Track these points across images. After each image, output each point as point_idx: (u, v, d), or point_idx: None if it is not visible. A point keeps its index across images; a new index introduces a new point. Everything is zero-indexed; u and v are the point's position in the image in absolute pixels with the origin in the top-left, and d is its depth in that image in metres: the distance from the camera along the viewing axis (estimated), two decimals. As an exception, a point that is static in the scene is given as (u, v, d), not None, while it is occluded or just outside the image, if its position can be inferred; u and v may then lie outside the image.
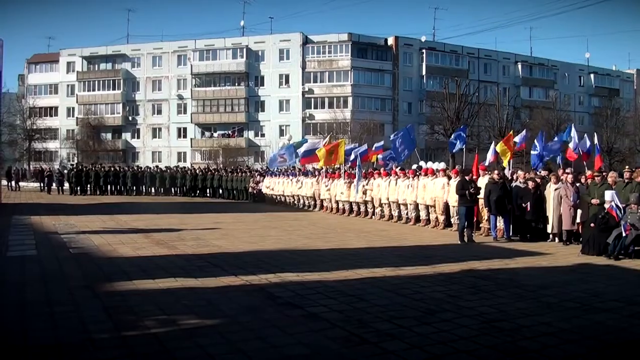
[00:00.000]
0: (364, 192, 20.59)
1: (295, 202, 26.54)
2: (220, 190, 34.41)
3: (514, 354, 5.43)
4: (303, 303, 7.19)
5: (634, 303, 7.66)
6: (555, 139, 20.24)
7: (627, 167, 15.81)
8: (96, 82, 64.35)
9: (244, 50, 60.80)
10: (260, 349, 5.41)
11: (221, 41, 62.19)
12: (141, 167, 39.79)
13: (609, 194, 12.53)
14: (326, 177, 23.78)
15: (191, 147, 62.28)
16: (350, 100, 59.00)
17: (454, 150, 22.45)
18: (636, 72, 73.69)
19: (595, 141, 20.81)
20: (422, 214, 18.06)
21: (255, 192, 30.71)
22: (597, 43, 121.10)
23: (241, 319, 6.42)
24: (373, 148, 23.75)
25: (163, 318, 6.46)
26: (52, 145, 64.79)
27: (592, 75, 71.90)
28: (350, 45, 59.37)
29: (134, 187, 35.79)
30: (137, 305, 7.01)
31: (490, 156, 19.83)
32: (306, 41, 60.44)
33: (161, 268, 9.61)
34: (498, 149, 18.95)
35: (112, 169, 36.87)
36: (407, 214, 18.77)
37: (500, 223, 14.89)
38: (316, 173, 25.52)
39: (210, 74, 61.39)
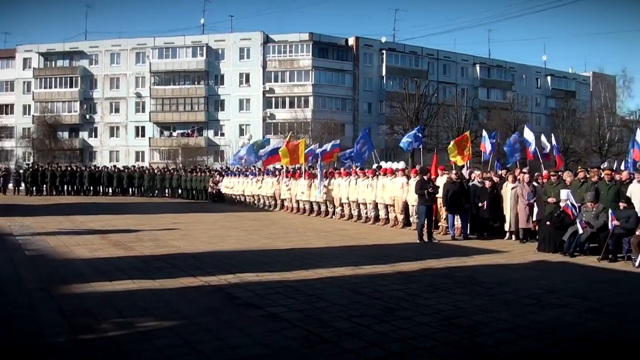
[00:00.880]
0: (325, 192, 20.63)
1: (256, 202, 26.44)
2: (179, 190, 34.03)
3: (471, 350, 5.52)
4: (262, 303, 7.17)
5: (589, 299, 7.87)
6: (512, 138, 20.57)
7: (581, 167, 16.25)
8: (53, 79, 62.66)
9: (204, 48, 60.15)
10: (219, 350, 5.38)
11: (181, 39, 61.37)
12: (98, 167, 38.98)
13: (564, 193, 12.87)
14: (287, 176, 23.75)
15: (149, 146, 61.27)
16: (311, 100, 58.98)
17: (407, 150, 22.61)
18: (592, 75, 75.49)
19: (554, 142, 21.30)
20: (382, 213, 18.21)
21: (214, 192, 30.48)
22: (554, 46, 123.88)
23: (200, 320, 6.36)
24: (329, 148, 23.81)
25: (120, 320, 6.36)
26: (7, 144, 62.84)
27: (549, 78, 73.40)
28: (311, 45, 59.33)
29: (91, 188, 35.09)
30: (94, 308, 6.89)
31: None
32: (267, 40, 60.17)
33: (118, 269, 9.45)
34: (452, 155, 19.21)
35: (69, 168, 36.09)
36: (366, 213, 18.90)
37: (458, 222, 15.12)
38: (277, 173, 25.46)
39: (169, 72, 60.52)
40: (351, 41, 62.19)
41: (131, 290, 7.90)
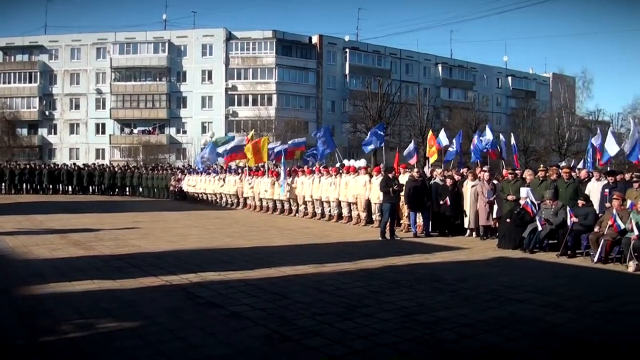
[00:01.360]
0: (289, 190, 20.62)
1: (218, 200, 26.27)
2: (140, 189, 33.61)
3: (432, 345, 5.58)
4: (225, 302, 7.13)
5: (548, 294, 8.04)
6: (476, 137, 20.84)
7: (542, 165, 16.58)
8: (11, 74, 60.93)
9: (166, 44, 59.45)
10: (181, 350, 5.32)
11: (142, 34, 60.47)
12: (58, 165, 38.24)
13: (524, 191, 13.13)
14: (249, 174, 23.65)
15: (110, 143, 60.28)
16: (274, 97, 58.85)
17: (367, 150, 22.73)
18: (552, 76, 76.98)
19: (513, 141, 21.67)
20: (345, 211, 18.29)
21: (176, 190, 30.18)
22: (514, 47, 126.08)
23: (161, 320, 6.29)
24: (290, 144, 23.82)
25: (81, 322, 6.24)
26: (-35, 140, 61.22)
27: (509, 78, 74.67)
28: (274, 43, 59.19)
29: (51, 186, 34.34)
30: (54, 309, 6.74)
31: (411, 157, 20.36)
32: (230, 37, 59.77)
33: (78, 270, 9.27)
34: (430, 156, 19.42)
35: (28, 166, 35.23)
36: (330, 211, 18.96)
37: (420, 219, 15.29)
38: (239, 171, 25.34)
39: (130, 68, 59.63)
40: (315, 39, 62.29)
41: (91, 291, 7.76)
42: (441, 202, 14.91)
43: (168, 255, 10.97)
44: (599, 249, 10.99)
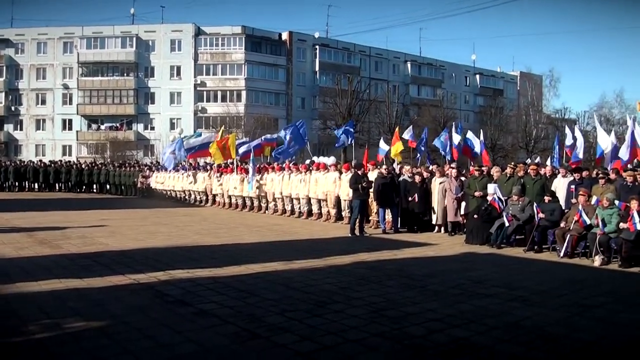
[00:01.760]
0: (258, 187, 20.55)
1: (187, 197, 26.06)
2: (108, 186, 33.15)
3: (401, 340, 5.61)
4: (193, 300, 7.07)
5: (516, 288, 8.16)
6: (444, 134, 21.04)
7: (512, 162, 16.80)
8: (-23, 68, 59.76)
9: (134, 39, 58.66)
10: (149, 349, 5.26)
11: (110, 29, 59.57)
12: (24, 162, 37.48)
13: (491, 187, 13.32)
14: (218, 171, 23.50)
15: (77, 140, 59.29)
16: (244, 94, 58.58)
17: (337, 146, 22.80)
18: (519, 74, 78.02)
19: (481, 138, 21.92)
20: (314, 208, 18.30)
21: (144, 187, 29.86)
22: (483, 46, 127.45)
23: (129, 319, 6.20)
24: (262, 139, 23.74)
25: (48, 322, 6.11)
26: None
27: (477, 76, 75.54)
28: (244, 39, 58.89)
29: (16, 183, 33.72)
30: (20, 309, 6.60)
31: (381, 154, 20.47)
32: (199, 32, 59.28)
33: (45, 269, 9.10)
34: (393, 151, 19.50)
35: (-8, 163, 34.59)
36: (299, 208, 18.94)
37: (389, 215, 15.37)
38: (208, 167, 25.16)
39: (98, 63, 58.70)
40: (285, 36, 62.18)
41: (58, 290, 7.62)
42: (410, 199, 15.01)
43: (136, 253, 10.83)
44: (565, 244, 11.21)
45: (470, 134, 21.18)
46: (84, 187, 33.96)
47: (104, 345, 5.36)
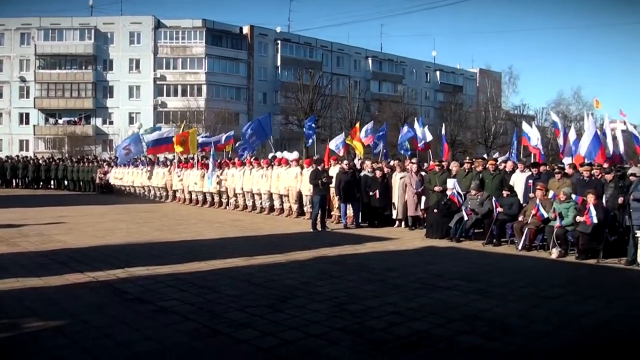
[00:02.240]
0: (219, 183, 20.41)
1: (146, 193, 25.71)
2: (66, 182, 32.35)
3: (362, 333, 5.64)
4: (153, 297, 6.99)
5: (475, 281, 8.31)
6: (404, 129, 21.19)
7: (467, 158, 17.05)
8: None
9: (92, 31, 57.35)
10: (108, 348, 5.18)
11: (68, 20, 58.04)
12: (-21, 157, 36.48)
13: (451, 182, 13.52)
14: (178, 166, 23.24)
15: (34, 134, 57.72)
16: (204, 88, 57.99)
17: (309, 143, 22.82)
18: (479, 71, 79.16)
19: (443, 132, 22.18)
20: (276, 203, 18.26)
21: (103, 183, 29.29)
22: (443, 42, 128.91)
23: (88, 318, 6.09)
24: (223, 140, 23.60)
25: (4, 322, 5.97)
26: None
27: (437, 73, 76.39)
28: (204, 32, 58.26)
29: (-28, 180, 32.78)
30: (-25, 309, 6.45)
31: (340, 148, 20.48)
32: (158, 25, 58.39)
33: (1, 267, 8.86)
34: (349, 142, 19.57)
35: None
36: (261, 203, 18.88)
37: (350, 210, 15.45)
38: (168, 163, 24.86)
39: (55, 55, 57.19)
40: (246, 30, 61.78)
41: (15, 289, 7.44)
42: (371, 194, 15.10)
43: (94, 251, 10.65)
44: (523, 237, 11.45)
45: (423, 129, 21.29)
46: (42, 183, 33.14)
47: (63, 344, 5.28)
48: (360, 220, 15.48)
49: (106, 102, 58.35)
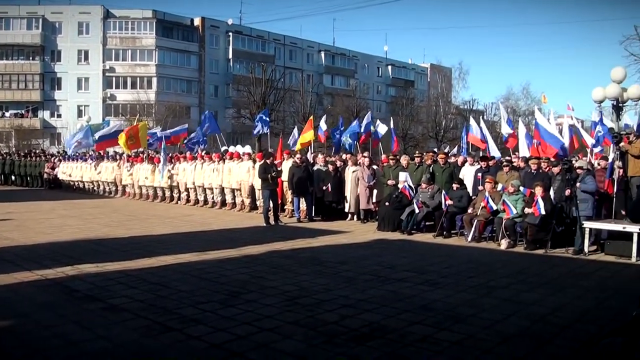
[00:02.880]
0: (170, 177, 20.17)
1: (95, 188, 25.24)
2: (13, 177, 31.54)
3: (315, 326, 5.69)
4: (103, 295, 6.88)
5: (425, 272, 8.48)
6: (354, 123, 21.33)
7: (417, 152, 17.28)
8: None
9: (40, 20, 55.44)
10: (58, 347, 5.07)
11: (15, 9, 55.79)
12: None
13: (402, 175, 13.74)
14: (128, 161, 22.85)
15: (-21, 128, 55.88)
16: (154, 80, 57.00)
17: (254, 134, 22.76)
18: (430, 67, 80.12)
19: (392, 126, 22.37)
20: (228, 198, 18.16)
21: (51, 178, 28.64)
22: (395, 38, 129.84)
23: (37, 317, 5.95)
24: (175, 130, 23.32)
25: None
26: None
27: (389, 67, 77.00)
28: (154, 23, 57.21)
29: None
30: None
31: (294, 143, 20.51)
32: (107, 15, 56.98)
33: (-57, 266, 8.60)
34: (301, 140, 19.59)
35: None
36: (213, 198, 18.75)
37: (303, 204, 15.49)
38: (117, 157, 24.42)
39: (1, 45, 54.96)
40: (197, 21, 60.96)
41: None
42: (323, 188, 15.18)
43: (43, 248, 10.40)
44: (473, 229, 11.74)
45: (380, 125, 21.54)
46: (-13, 178, 32.19)
47: (12, 345, 5.16)
48: (313, 214, 15.54)
49: (54, 95, 56.70)
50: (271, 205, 14.34)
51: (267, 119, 21.61)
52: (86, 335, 5.40)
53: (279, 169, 15.08)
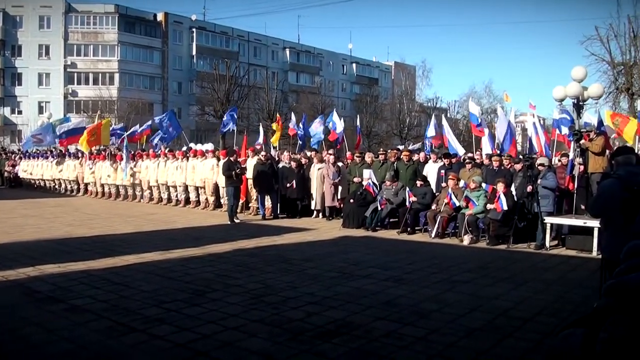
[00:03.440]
0: (132, 175, 19.94)
1: (57, 186, 24.82)
2: (-29, 175, 30.79)
3: (280, 324, 5.70)
4: (65, 296, 6.77)
5: (390, 268, 8.57)
6: (317, 120, 21.33)
7: (382, 149, 17.40)
8: None
9: (0, 14, 53.98)
10: (20, 351, 4.99)
11: (-26, 2, 54.63)
12: None
13: (366, 173, 13.85)
14: (90, 159, 22.50)
15: None
16: (117, 76, 56.01)
17: (224, 131, 22.64)
18: (394, 65, 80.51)
19: (357, 123, 22.48)
20: (192, 196, 18.05)
21: (11, 176, 28.07)
22: (359, 35, 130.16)
23: (-2, 320, 5.86)
24: (139, 130, 23.03)
25: None
26: None
27: (354, 65, 77.19)
28: (117, 18, 56.14)
29: None
30: None
31: (260, 139, 20.46)
32: (69, 9, 55.66)
33: None
34: (274, 139, 19.58)
35: None
36: (176, 196, 18.60)
37: (268, 202, 15.48)
38: (79, 154, 24.02)
39: (-41, 39, 53.74)
40: (160, 17, 60.06)
41: None
42: (287, 185, 15.20)
43: (3, 249, 10.20)
44: (436, 225, 11.90)
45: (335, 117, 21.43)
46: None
47: (-28, 349, 5.05)
48: (278, 212, 15.55)
49: (14, 90, 55.24)
50: (236, 202, 14.32)
51: (235, 115, 21.56)
52: (48, 338, 5.31)
53: (243, 166, 15.04)
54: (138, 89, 55.89)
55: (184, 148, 20.31)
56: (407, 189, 12.91)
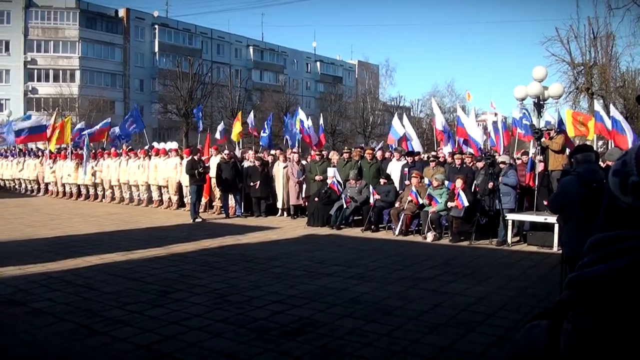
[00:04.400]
0: (93, 174, 19.64)
1: (16, 186, 24.30)
2: None
3: (244, 324, 5.70)
4: (26, 299, 6.65)
5: (354, 266, 8.64)
6: (286, 119, 21.30)
7: (346, 147, 17.48)
8: None
9: (-43, 8, 52.72)
10: (-23, 355, 4.91)
11: None
12: None
13: (331, 171, 13.93)
14: (51, 158, 22.09)
15: None
16: (77, 73, 54.92)
17: (199, 130, 22.45)
18: (358, 63, 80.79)
19: (321, 122, 22.50)
20: (155, 195, 17.87)
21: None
22: (323, 34, 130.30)
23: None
24: (99, 126, 22.71)
25: None
26: None
27: (318, 63, 77.16)
28: (78, 14, 55.07)
29: None
30: None
31: (219, 136, 20.33)
32: (29, 4, 54.18)
33: None
34: (234, 136, 19.46)
35: None
36: (138, 195, 18.40)
37: (232, 201, 15.43)
38: (40, 154, 23.55)
39: None
40: (122, 13, 59.08)
41: None
42: (251, 184, 15.17)
43: (-43, 250, 9.96)
44: (400, 223, 12.03)
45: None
46: None
47: None
48: (242, 211, 15.50)
49: (-28, 87, 53.92)
50: (199, 201, 14.25)
51: (200, 114, 21.50)
52: (9, 342, 5.22)
53: (206, 165, 14.96)
54: (99, 86, 54.88)
55: (146, 147, 20.07)
56: (371, 187, 13.02)
